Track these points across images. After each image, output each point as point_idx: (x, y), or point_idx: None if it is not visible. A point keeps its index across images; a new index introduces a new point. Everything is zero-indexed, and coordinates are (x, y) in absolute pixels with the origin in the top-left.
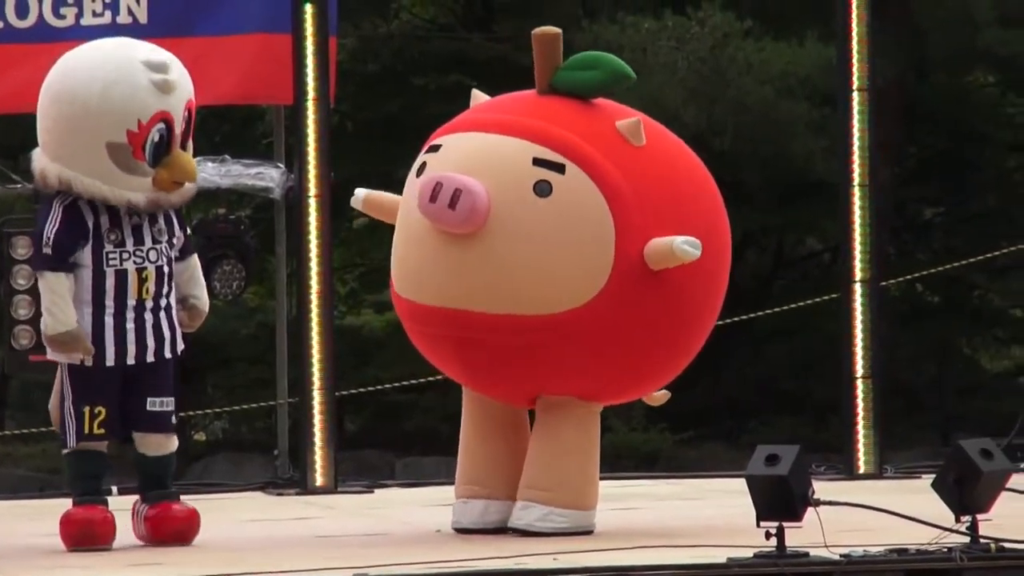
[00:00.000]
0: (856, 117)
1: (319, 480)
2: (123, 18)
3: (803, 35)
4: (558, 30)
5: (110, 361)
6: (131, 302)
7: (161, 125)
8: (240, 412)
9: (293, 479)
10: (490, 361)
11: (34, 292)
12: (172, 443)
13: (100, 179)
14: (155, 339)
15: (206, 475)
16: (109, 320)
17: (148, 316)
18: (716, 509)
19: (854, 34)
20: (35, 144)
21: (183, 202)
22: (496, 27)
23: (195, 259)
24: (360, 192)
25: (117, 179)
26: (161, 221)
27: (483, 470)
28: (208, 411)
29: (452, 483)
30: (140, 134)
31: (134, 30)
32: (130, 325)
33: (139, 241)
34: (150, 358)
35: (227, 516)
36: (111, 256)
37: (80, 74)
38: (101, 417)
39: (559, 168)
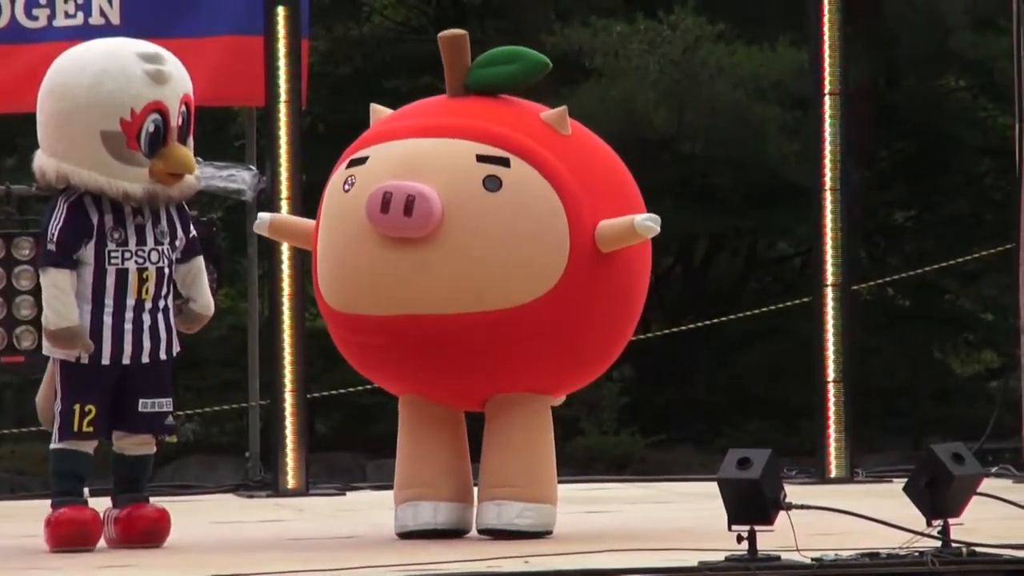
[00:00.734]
0: (828, 121)
1: (291, 482)
2: (95, 19)
3: (775, 39)
4: (464, 31)
5: (106, 360)
6: (130, 301)
7: (156, 116)
8: (212, 414)
9: (265, 481)
10: (448, 364)
11: (5, 293)
12: (152, 444)
13: (96, 170)
14: (151, 340)
15: (177, 477)
16: (108, 319)
17: (146, 317)
18: (687, 512)
19: (826, 38)
20: (7, 144)
21: (183, 196)
22: (468, 30)
23: (198, 261)
24: (264, 216)
25: (113, 169)
26: (164, 222)
27: (430, 473)
28: (179, 413)
29: None
30: (134, 123)
31: (106, 31)
32: (128, 325)
33: (142, 241)
34: (145, 359)
35: (199, 518)
36: (113, 255)
37: (72, 68)
38: (91, 416)
39: (504, 162)
